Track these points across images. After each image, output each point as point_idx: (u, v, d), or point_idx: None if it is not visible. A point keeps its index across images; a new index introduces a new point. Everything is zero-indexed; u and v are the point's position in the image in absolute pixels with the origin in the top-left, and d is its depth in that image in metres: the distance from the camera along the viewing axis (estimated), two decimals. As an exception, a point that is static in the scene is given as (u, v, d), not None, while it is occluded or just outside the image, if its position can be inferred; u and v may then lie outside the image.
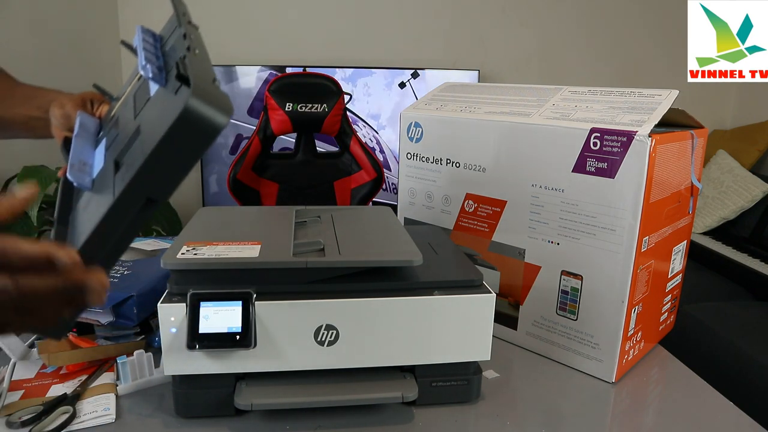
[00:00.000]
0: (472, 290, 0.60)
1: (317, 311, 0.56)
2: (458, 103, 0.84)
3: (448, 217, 0.84)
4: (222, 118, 0.34)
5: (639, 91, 0.72)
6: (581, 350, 0.71)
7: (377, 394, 0.58)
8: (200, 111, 0.33)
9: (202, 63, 0.39)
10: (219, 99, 0.35)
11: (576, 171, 0.68)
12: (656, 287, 0.73)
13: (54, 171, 1.68)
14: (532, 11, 2.59)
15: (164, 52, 0.48)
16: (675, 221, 0.73)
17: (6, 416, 0.57)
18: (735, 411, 0.65)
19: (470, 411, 0.62)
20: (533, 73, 2.63)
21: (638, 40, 2.70)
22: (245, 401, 0.55)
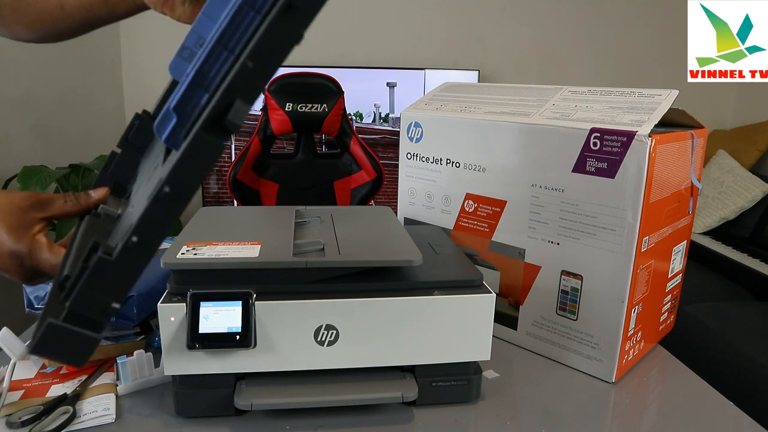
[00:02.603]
0: (472, 290, 0.60)
1: (317, 311, 0.56)
2: (458, 103, 0.84)
3: (448, 217, 0.84)
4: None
5: (639, 91, 0.72)
6: (581, 350, 0.71)
7: (377, 394, 0.58)
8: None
9: None
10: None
11: (576, 171, 0.68)
12: (656, 287, 0.73)
13: (54, 171, 1.68)
14: (532, 11, 2.59)
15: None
16: (675, 221, 0.73)
17: (6, 416, 0.57)
18: (735, 411, 0.65)
19: (470, 411, 0.62)
20: (533, 73, 2.63)
21: (638, 40, 2.70)
22: (245, 401, 0.55)
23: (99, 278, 0.35)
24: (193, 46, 0.45)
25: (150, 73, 2.44)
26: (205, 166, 0.35)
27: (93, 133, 2.22)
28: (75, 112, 2.14)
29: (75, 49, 2.06)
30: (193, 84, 0.36)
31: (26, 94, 1.87)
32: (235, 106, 0.33)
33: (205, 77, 0.37)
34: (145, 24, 2.24)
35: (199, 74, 0.36)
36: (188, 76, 0.37)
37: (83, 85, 2.19)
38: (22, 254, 0.48)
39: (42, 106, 1.96)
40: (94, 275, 0.35)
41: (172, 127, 0.37)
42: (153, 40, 2.35)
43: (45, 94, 1.96)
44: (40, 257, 0.49)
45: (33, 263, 0.49)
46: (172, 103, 0.37)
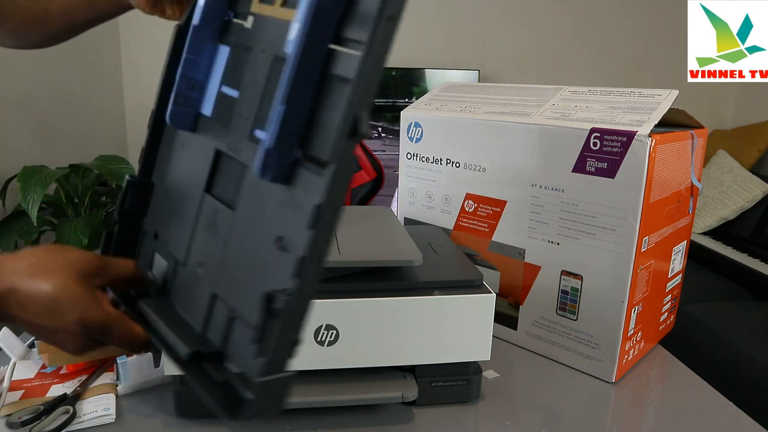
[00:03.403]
0: (472, 290, 0.60)
1: (317, 311, 0.56)
2: (458, 103, 0.84)
3: (448, 217, 0.84)
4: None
5: (639, 91, 0.72)
6: (581, 350, 0.71)
7: (377, 394, 0.58)
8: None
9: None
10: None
11: (576, 171, 0.68)
12: (656, 287, 0.73)
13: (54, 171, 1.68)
14: (532, 11, 2.59)
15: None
16: (675, 221, 0.73)
17: (6, 416, 0.57)
18: (735, 411, 0.65)
19: (470, 411, 0.62)
20: (533, 73, 2.63)
21: (638, 40, 2.70)
22: (245, 401, 0.55)
23: (289, 322, 0.35)
24: (186, 91, 0.45)
25: (150, 72, 2.44)
26: (347, 181, 0.35)
27: (93, 133, 2.22)
28: (75, 111, 2.14)
29: (75, 49, 2.06)
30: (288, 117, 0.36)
31: (26, 94, 1.87)
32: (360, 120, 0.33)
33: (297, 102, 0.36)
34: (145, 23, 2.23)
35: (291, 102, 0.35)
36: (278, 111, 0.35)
37: (83, 85, 2.19)
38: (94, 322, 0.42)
39: (42, 106, 1.96)
40: (287, 322, 0.35)
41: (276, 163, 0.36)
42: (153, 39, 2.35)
43: (45, 93, 1.96)
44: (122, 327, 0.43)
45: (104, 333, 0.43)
46: (269, 144, 0.36)
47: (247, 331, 0.38)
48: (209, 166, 0.44)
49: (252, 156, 0.39)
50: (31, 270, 0.40)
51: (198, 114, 0.46)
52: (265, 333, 0.36)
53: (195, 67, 0.44)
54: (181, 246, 0.45)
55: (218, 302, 0.41)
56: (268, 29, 0.41)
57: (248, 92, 0.41)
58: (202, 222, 0.44)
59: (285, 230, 0.37)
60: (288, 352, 0.36)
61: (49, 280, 0.40)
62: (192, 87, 0.45)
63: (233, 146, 0.42)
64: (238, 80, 0.43)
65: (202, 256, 0.43)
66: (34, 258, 0.41)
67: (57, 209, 1.84)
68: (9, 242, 1.63)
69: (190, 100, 0.45)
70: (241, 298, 0.39)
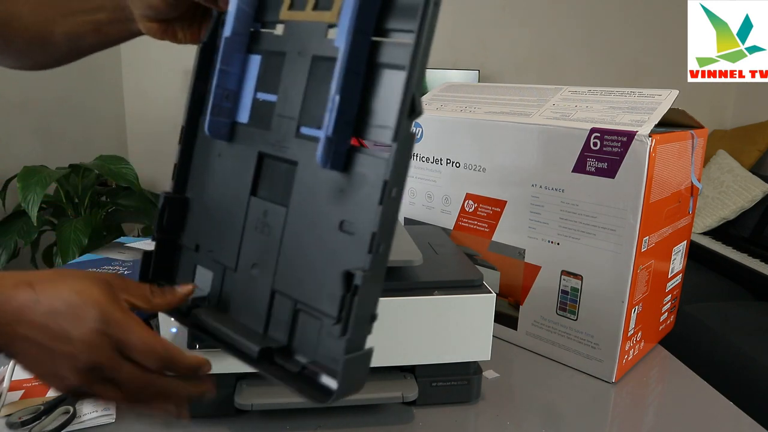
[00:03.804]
0: (472, 290, 0.60)
1: (317, 311, 0.56)
2: (458, 103, 0.84)
3: (448, 217, 0.84)
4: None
5: (639, 91, 0.72)
6: (581, 350, 0.71)
7: (377, 394, 0.58)
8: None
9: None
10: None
11: (576, 171, 0.68)
12: (656, 287, 0.73)
13: (54, 171, 1.68)
14: (532, 11, 2.59)
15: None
16: (675, 221, 0.73)
17: (6, 416, 0.57)
18: (735, 411, 0.65)
19: (470, 411, 0.62)
20: (533, 73, 2.63)
21: (638, 40, 2.70)
22: (245, 401, 0.55)
23: (368, 298, 0.37)
24: (220, 101, 0.46)
25: (150, 73, 2.45)
26: (409, 158, 0.37)
27: (93, 133, 2.22)
28: (75, 112, 2.14)
29: (75, 49, 2.06)
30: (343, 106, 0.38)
31: (26, 95, 1.87)
32: (416, 100, 0.36)
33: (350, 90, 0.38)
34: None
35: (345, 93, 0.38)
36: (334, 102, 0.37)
37: (83, 85, 2.19)
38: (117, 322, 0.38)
39: (42, 106, 1.96)
40: (366, 298, 0.37)
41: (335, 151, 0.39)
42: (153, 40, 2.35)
43: (45, 94, 1.96)
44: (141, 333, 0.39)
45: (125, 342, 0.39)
46: (328, 133, 0.38)
47: (315, 320, 0.40)
48: (253, 169, 0.45)
49: (301, 152, 0.42)
50: (52, 274, 0.39)
51: (234, 122, 0.47)
52: (345, 312, 0.37)
53: (228, 78, 0.46)
54: (230, 252, 0.46)
55: (279, 298, 0.42)
56: (301, 33, 0.42)
57: (289, 93, 0.43)
58: (250, 224, 0.45)
59: (348, 214, 0.39)
60: (368, 329, 0.38)
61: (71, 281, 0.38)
62: (226, 97, 0.46)
63: (279, 146, 0.43)
64: (275, 85, 0.44)
65: (256, 257, 0.44)
66: (56, 271, 0.40)
67: (57, 209, 1.84)
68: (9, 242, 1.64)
69: (225, 110, 0.46)
70: (306, 289, 0.41)
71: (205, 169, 0.49)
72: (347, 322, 0.37)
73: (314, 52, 0.41)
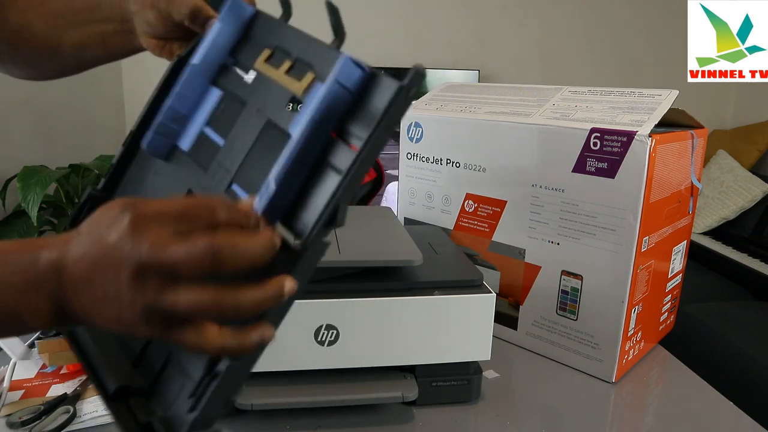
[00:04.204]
0: (472, 290, 0.60)
1: (317, 311, 0.56)
2: (458, 103, 0.84)
3: (448, 217, 0.84)
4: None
5: (639, 91, 0.72)
6: (581, 350, 0.71)
7: (377, 394, 0.58)
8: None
9: None
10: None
11: (576, 171, 0.68)
12: (656, 287, 0.73)
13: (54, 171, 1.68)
14: (533, 11, 2.59)
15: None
16: (675, 221, 0.73)
17: (6, 416, 0.57)
18: (735, 411, 0.65)
19: (470, 411, 0.62)
20: (533, 73, 2.63)
21: (638, 39, 2.70)
22: (245, 401, 0.56)
23: (228, 385, 0.35)
24: (168, 122, 0.45)
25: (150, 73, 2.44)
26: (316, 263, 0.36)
27: (93, 133, 2.22)
28: (75, 112, 2.14)
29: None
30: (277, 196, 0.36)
31: (27, 95, 1.87)
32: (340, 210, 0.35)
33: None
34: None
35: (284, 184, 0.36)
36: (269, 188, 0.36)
37: (83, 86, 2.19)
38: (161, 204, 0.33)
39: (42, 107, 1.96)
40: (226, 381, 0.35)
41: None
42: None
43: (45, 94, 1.96)
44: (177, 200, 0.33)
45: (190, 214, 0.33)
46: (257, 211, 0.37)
47: (180, 378, 0.37)
48: None
49: None
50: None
51: (174, 146, 0.46)
52: (202, 390, 0.35)
53: (183, 102, 0.45)
54: None
55: (156, 341, 0.40)
56: (267, 91, 0.42)
57: (234, 145, 0.42)
58: None
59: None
60: (220, 411, 0.36)
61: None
62: (175, 120, 0.46)
63: (208, 192, 0.42)
64: (226, 130, 0.43)
65: None
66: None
67: (57, 209, 1.84)
68: (9, 242, 1.63)
69: (171, 131, 0.46)
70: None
71: (139, 182, 0.48)
72: (198, 401, 0.35)
73: (271, 116, 0.41)
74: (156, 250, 0.30)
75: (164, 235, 0.31)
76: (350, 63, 0.36)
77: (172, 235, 0.31)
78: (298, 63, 0.41)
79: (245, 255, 0.32)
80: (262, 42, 0.44)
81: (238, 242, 0.32)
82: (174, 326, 0.32)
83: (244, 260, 0.32)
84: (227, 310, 0.32)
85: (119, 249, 0.31)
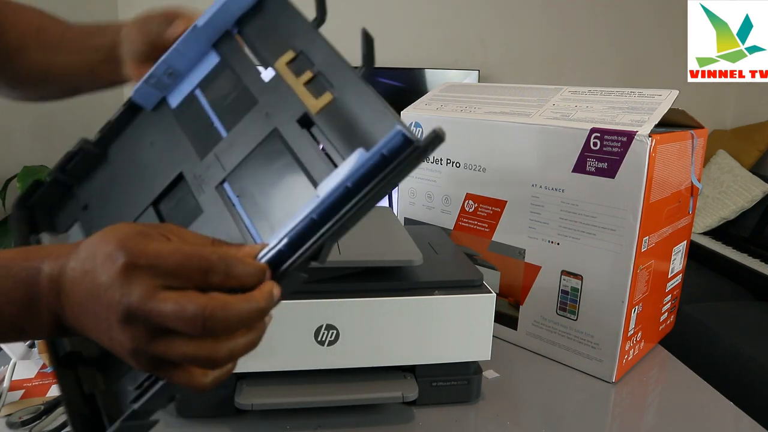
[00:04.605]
0: (472, 290, 0.60)
1: (317, 311, 0.56)
2: (458, 103, 0.84)
3: (448, 217, 0.84)
4: None
5: (639, 91, 0.72)
6: (581, 350, 0.71)
7: (377, 394, 0.58)
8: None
9: None
10: None
11: (576, 171, 0.68)
12: (656, 287, 0.73)
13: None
14: (533, 11, 2.59)
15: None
16: (675, 221, 0.73)
17: (6, 416, 0.57)
18: (735, 411, 0.65)
19: (470, 411, 0.62)
20: (533, 73, 2.63)
21: (638, 40, 2.70)
22: (245, 401, 0.56)
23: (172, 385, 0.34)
24: (161, 75, 0.45)
25: (150, 73, 2.44)
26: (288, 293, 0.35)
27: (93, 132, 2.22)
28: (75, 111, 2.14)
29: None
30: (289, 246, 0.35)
31: (26, 94, 1.87)
32: (325, 248, 0.34)
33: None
34: (145, 24, 2.23)
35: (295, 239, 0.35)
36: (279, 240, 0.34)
37: (83, 85, 2.18)
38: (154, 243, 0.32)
39: (42, 106, 1.96)
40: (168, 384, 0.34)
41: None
42: (153, 40, 2.35)
43: (45, 94, 1.96)
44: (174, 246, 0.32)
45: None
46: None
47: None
48: (166, 183, 0.43)
49: (210, 204, 0.40)
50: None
51: (163, 99, 0.46)
52: (148, 385, 0.34)
53: (179, 59, 0.45)
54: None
55: None
56: (281, 98, 0.40)
57: (235, 142, 0.41)
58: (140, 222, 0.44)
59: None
60: (161, 406, 0.35)
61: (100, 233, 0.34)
62: (169, 74, 0.45)
63: (198, 182, 0.42)
64: (232, 123, 0.42)
65: None
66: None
67: (57, 209, 1.84)
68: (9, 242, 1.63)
69: (162, 84, 0.45)
70: None
71: (133, 147, 0.48)
72: (142, 395, 0.34)
73: (279, 126, 0.39)
74: (144, 303, 0.30)
75: (154, 288, 0.30)
76: (400, 136, 0.34)
77: (163, 289, 0.30)
78: (320, 78, 0.39)
79: (239, 318, 0.31)
80: (287, 39, 0.42)
81: (232, 306, 0.31)
82: (164, 367, 0.32)
83: (237, 323, 0.31)
84: (220, 360, 0.32)
85: (110, 291, 0.31)
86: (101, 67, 0.56)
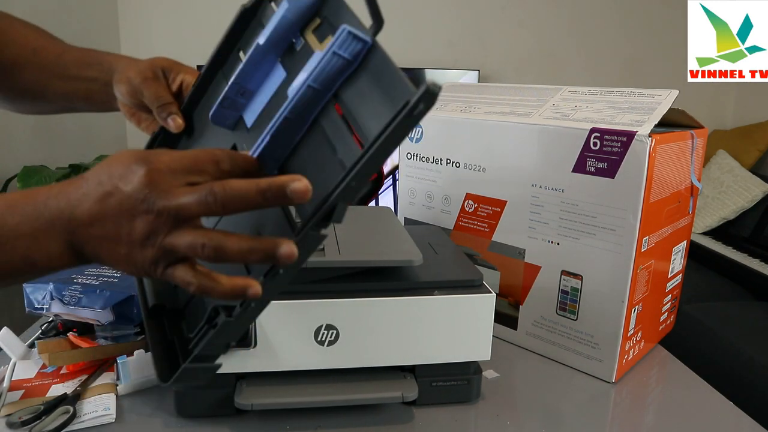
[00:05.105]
0: (472, 290, 0.60)
1: (317, 311, 0.56)
2: (458, 103, 0.84)
3: (448, 217, 0.84)
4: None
5: (639, 91, 0.72)
6: (581, 350, 0.71)
7: (377, 394, 0.58)
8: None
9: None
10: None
11: (576, 171, 0.68)
12: (656, 287, 0.73)
13: (54, 171, 1.68)
14: (533, 11, 2.59)
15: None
16: (675, 221, 0.73)
17: (6, 416, 0.57)
18: (735, 411, 0.65)
19: (470, 411, 0.62)
20: (533, 73, 2.63)
21: (638, 40, 2.70)
22: (245, 401, 0.56)
23: (223, 333, 0.38)
24: (234, 96, 0.46)
25: (150, 73, 2.44)
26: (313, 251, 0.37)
27: (93, 132, 2.22)
28: (75, 112, 2.14)
29: (75, 49, 2.05)
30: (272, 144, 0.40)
31: (26, 94, 1.87)
32: (338, 208, 0.35)
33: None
34: (145, 24, 2.24)
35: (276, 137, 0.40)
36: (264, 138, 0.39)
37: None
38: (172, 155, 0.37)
39: (42, 106, 1.95)
40: (220, 332, 0.38)
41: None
42: (152, 40, 2.35)
43: (45, 94, 1.96)
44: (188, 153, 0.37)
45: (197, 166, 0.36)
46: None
47: (202, 309, 0.41)
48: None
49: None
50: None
51: (240, 117, 0.47)
52: (200, 336, 0.39)
53: (249, 78, 0.45)
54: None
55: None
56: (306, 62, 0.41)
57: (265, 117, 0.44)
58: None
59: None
60: (220, 351, 0.39)
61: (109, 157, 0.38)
62: (242, 94, 0.46)
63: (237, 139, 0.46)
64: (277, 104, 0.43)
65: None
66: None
67: (57, 209, 1.84)
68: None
69: (236, 104, 0.46)
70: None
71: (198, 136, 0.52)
72: (197, 344, 0.38)
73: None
74: (170, 201, 0.34)
75: (178, 186, 0.35)
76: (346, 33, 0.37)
77: (184, 187, 0.35)
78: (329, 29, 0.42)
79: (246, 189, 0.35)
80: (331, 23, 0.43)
81: (237, 182, 0.35)
82: (171, 264, 0.36)
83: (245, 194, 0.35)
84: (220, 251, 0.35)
85: (135, 199, 0.34)
86: (98, 96, 0.60)
